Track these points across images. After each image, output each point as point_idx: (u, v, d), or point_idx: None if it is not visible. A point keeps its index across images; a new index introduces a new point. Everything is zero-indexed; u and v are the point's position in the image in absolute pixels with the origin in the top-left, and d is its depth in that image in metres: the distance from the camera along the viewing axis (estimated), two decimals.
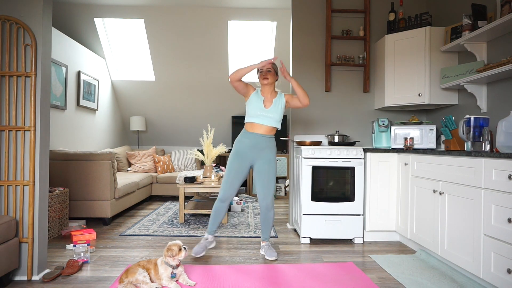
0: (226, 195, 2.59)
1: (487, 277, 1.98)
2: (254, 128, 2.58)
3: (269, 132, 2.60)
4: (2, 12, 2.16)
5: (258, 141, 2.57)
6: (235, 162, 2.58)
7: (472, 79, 2.64)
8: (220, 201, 2.61)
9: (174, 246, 2.08)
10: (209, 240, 2.71)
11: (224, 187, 2.59)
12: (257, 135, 2.57)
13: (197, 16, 4.82)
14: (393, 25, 3.40)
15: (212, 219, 2.67)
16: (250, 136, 2.58)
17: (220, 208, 2.63)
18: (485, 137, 2.37)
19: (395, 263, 2.52)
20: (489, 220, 1.97)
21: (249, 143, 2.58)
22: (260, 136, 2.57)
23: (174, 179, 5.09)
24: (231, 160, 2.61)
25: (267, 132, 2.59)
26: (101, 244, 2.93)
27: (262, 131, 2.58)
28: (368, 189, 3.08)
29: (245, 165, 2.59)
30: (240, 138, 2.63)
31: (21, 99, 2.16)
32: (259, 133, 2.57)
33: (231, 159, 2.61)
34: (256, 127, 2.58)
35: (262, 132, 2.58)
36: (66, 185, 3.49)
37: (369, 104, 3.68)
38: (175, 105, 5.92)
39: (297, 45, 3.63)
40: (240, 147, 2.60)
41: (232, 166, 2.59)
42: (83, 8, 4.71)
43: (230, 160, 2.61)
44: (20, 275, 2.17)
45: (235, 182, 2.58)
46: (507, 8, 2.35)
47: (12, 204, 2.14)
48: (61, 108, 4.22)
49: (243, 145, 2.59)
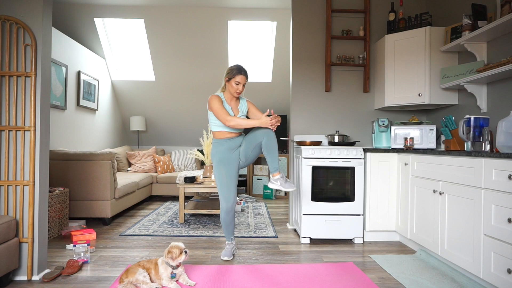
0: (229, 205, 2.57)
1: (487, 277, 1.98)
2: (224, 134, 2.59)
3: (237, 134, 2.64)
4: (2, 12, 2.16)
5: (234, 142, 2.59)
6: (222, 169, 2.56)
7: (472, 79, 2.64)
8: (225, 213, 2.59)
9: (175, 249, 2.08)
10: (234, 244, 2.72)
11: (223, 195, 2.57)
12: (229, 139, 2.58)
13: (197, 16, 4.82)
14: (393, 25, 3.40)
15: (225, 229, 2.68)
16: (223, 142, 2.58)
17: (228, 220, 2.63)
18: (485, 137, 2.37)
19: (395, 263, 2.52)
20: (489, 220, 1.97)
21: (225, 148, 2.57)
22: (232, 139, 2.59)
23: (174, 179, 5.09)
24: (217, 170, 2.58)
25: (236, 135, 2.62)
26: (101, 244, 2.93)
27: (233, 134, 2.60)
28: (368, 189, 3.08)
29: (232, 166, 2.58)
30: (214, 149, 2.61)
31: (21, 99, 2.16)
32: (230, 137, 2.59)
33: (217, 169, 2.58)
34: (225, 133, 2.59)
35: (233, 135, 2.60)
36: (66, 185, 3.49)
37: (369, 104, 3.68)
38: (175, 105, 5.92)
39: (297, 45, 3.63)
40: (218, 156, 2.58)
41: (221, 174, 2.56)
42: (83, 8, 4.71)
43: (217, 170, 2.58)
44: (20, 275, 2.17)
45: (231, 187, 2.57)
46: (507, 8, 2.35)
47: (12, 204, 2.14)
48: (61, 108, 4.22)
49: (220, 152, 2.57)
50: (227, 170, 2.56)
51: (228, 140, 2.58)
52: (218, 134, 2.61)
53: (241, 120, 2.46)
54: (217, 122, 2.57)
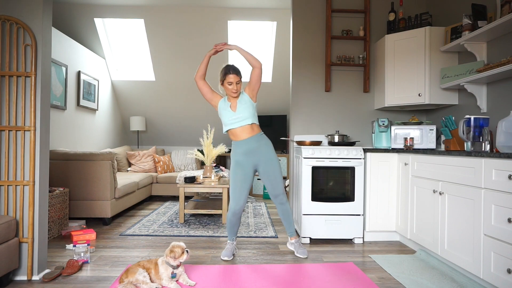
0: (238, 207, 2.58)
1: (487, 277, 1.98)
2: (236, 135, 2.56)
3: (251, 131, 2.55)
4: (2, 12, 2.16)
5: (248, 145, 2.55)
6: (238, 172, 2.57)
7: (472, 79, 2.64)
8: (233, 214, 2.60)
9: (177, 248, 2.09)
10: (234, 244, 2.72)
11: (234, 197, 2.57)
12: (243, 141, 2.55)
13: (197, 16, 4.82)
14: (393, 25, 3.40)
15: (229, 230, 2.69)
16: (238, 144, 2.57)
17: (234, 221, 2.64)
18: (485, 137, 2.37)
19: (395, 263, 2.52)
20: (489, 220, 1.97)
21: (242, 151, 2.56)
22: (246, 141, 2.54)
23: (174, 179, 5.09)
24: (234, 171, 2.59)
25: (249, 132, 2.55)
26: (101, 244, 2.93)
27: (244, 134, 2.54)
28: (368, 189, 3.08)
29: (248, 171, 2.58)
30: (232, 149, 2.63)
31: (21, 99, 2.16)
32: (244, 138, 2.55)
33: (234, 170, 2.60)
34: (236, 133, 2.55)
35: (246, 135, 2.54)
36: (66, 185, 3.49)
37: (369, 104, 3.68)
38: (175, 105, 5.92)
39: (297, 45, 3.63)
40: (236, 158, 2.59)
41: (236, 177, 2.57)
42: (83, 8, 4.71)
43: (233, 171, 2.60)
44: (20, 275, 2.17)
45: (243, 191, 2.58)
46: (507, 8, 2.35)
47: (12, 204, 2.14)
48: (61, 108, 4.22)
49: (238, 155, 2.58)
50: (243, 173, 2.57)
51: (244, 142, 2.54)
52: (230, 135, 2.62)
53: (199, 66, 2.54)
54: (223, 119, 2.59)
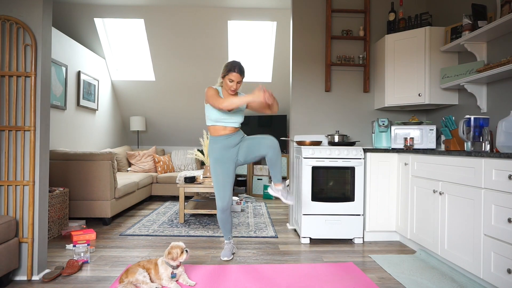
0: (224, 204, 2.55)
1: (487, 277, 1.98)
2: (218, 131, 2.52)
3: (233, 130, 2.54)
4: (2, 12, 2.16)
5: (228, 140, 2.52)
6: (218, 168, 2.53)
7: (472, 79, 2.64)
8: (221, 212, 2.58)
9: (176, 248, 2.08)
10: (232, 243, 2.72)
11: (219, 195, 2.54)
12: (224, 137, 2.52)
13: (197, 16, 4.82)
14: (393, 25, 3.40)
15: (222, 228, 2.67)
16: (218, 140, 2.52)
17: (224, 218, 2.61)
18: (485, 137, 2.37)
19: (395, 263, 2.52)
20: (489, 220, 1.97)
21: (221, 146, 2.52)
22: (228, 137, 2.52)
23: (174, 179, 5.09)
24: (213, 168, 2.55)
25: (231, 131, 2.53)
26: (101, 244, 2.93)
27: (226, 131, 2.52)
28: (368, 189, 3.08)
29: (228, 166, 2.53)
30: (210, 147, 2.57)
31: (21, 99, 2.16)
32: (224, 134, 2.51)
33: (213, 168, 2.55)
34: (219, 129, 2.51)
35: (227, 132, 2.52)
36: (66, 185, 3.49)
37: (369, 104, 3.68)
38: (175, 105, 5.92)
39: (297, 45, 3.63)
40: (214, 155, 2.54)
41: (217, 173, 2.53)
42: (83, 8, 4.71)
43: (213, 169, 2.55)
44: (20, 275, 2.17)
45: (227, 187, 2.53)
46: (507, 8, 2.35)
47: (12, 204, 2.14)
48: (61, 108, 4.22)
49: (216, 151, 2.53)
50: (223, 169, 2.53)
51: (224, 138, 2.51)
52: (213, 130, 2.54)
53: (234, 99, 2.33)
54: (211, 115, 2.50)
